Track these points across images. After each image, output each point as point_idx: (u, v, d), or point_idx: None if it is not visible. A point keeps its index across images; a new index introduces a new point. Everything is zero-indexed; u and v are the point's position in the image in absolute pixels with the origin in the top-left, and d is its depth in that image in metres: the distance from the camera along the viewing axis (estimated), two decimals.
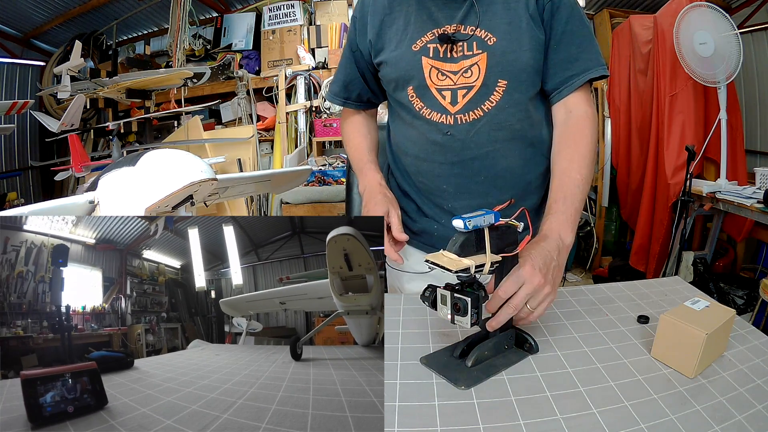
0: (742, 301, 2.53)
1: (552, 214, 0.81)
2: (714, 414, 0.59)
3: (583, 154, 0.86)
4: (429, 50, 0.92)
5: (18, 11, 3.75)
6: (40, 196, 4.41)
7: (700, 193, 2.49)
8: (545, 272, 0.70)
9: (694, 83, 2.55)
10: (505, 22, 0.89)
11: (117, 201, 1.49)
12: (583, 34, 0.90)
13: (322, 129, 3.31)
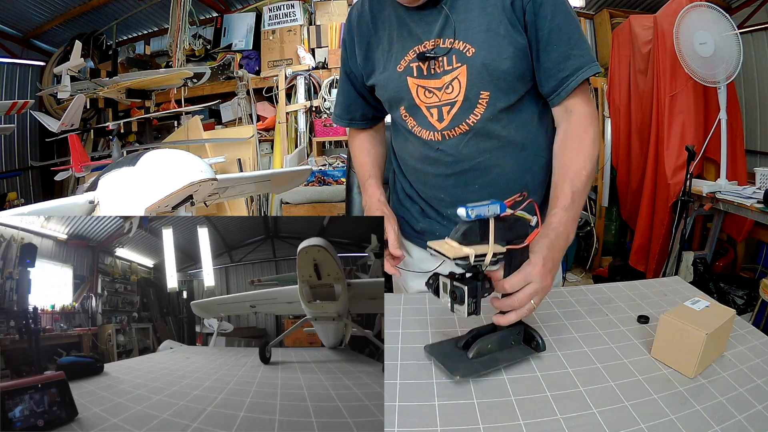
0: (742, 301, 2.53)
1: (561, 208, 0.80)
2: (714, 414, 0.59)
3: (587, 151, 0.85)
4: (413, 70, 0.92)
5: (18, 11, 3.75)
6: (40, 196, 4.41)
7: (700, 193, 2.49)
8: (554, 272, 0.72)
9: (694, 83, 2.55)
10: (483, 30, 0.86)
11: (117, 201, 1.49)
12: (571, 30, 0.86)
13: (322, 129, 3.31)
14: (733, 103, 2.65)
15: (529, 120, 0.93)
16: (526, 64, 0.88)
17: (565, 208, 0.79)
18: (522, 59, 0.87)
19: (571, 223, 0.79)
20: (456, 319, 0.89)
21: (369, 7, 0.98)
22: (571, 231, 0.78)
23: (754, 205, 2.18)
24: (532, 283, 0.68)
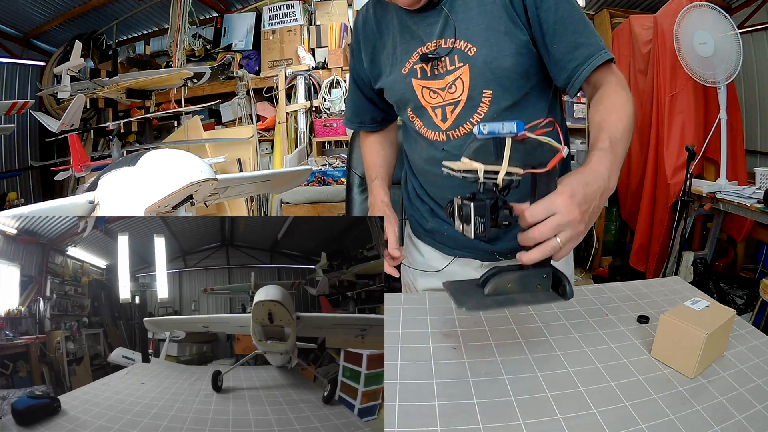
0: (742, 301, 2.53)
1: (600, 150, 0.72)
2: (714, 414, 0.59)
3: (620, 108, 0.79)
4: (416, 71, 0.92)
5: (18, 11, 3.75)
6: (40, 196, 4.41)
7: (700, 193, 2.49)
8: (584, 209, 0.62)
9: (694, 83, 2.55)
10: (483, 28, 0.86)
11: (117, 201, 1.50)
12: (576, 19, 0.84)
13: (322, 129, 3.31)
14: (733, 103, 2.65)
15: (535, 117, 0.92)
16: (529, 60, 0.87)
17: (603, 149, 0.72)
18: (524, 55, 0.86)
19: (610, 164, 0.70)
20: (456, 319, 0.89)
21: (373, 12, 0.99)
22: (612, 174, 0.69)
23: (754, 205, 2.18)
24: (557, 214, 0.60)
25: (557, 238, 0.61)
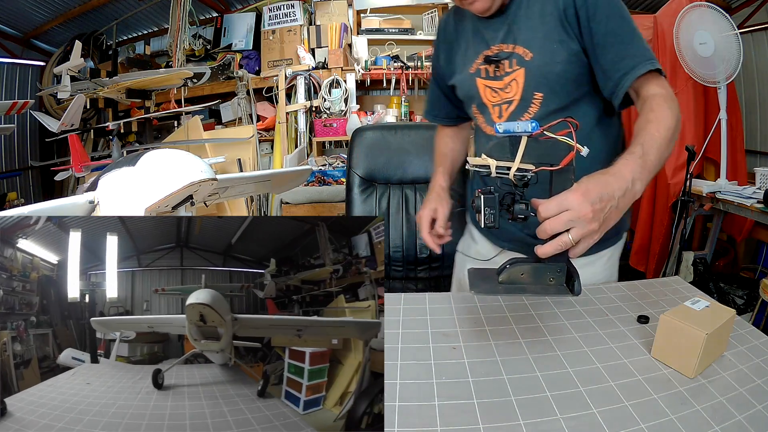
0: (742, 301, 2.53)
1: (630, 154, 0.74)
2: (714, 414, 0.59)
3: (662, 118, 0.81)
4: (481, 71, 1.02)
5: (18, 11, 3.75)
6: (40, 196, 4.41)
7: (700, 193, 2.49)
8: (598, 208, 0.64)
9: (694, 83, 2.55)
10: (541, 36, 0.93)
11: (117, 201, 1.50)
12: (625, 31, 0.88)
13: (322, 129, 3.31)
14: (733, 103, 2.65)
15: (583, 124, 0.96)
16: (579, 68, 0.93)
17: (632, 153, 0.74)
18: (574, 63, 0.92)
19: (636, 168, 0.71)
20: (456, 318, 0.89)
21: (453, 17, 1.12)
22: (638, 179, 0.70)
23: (754, 205, 2.18)
24: (569, 211, 0.63)
25: (569, 234, 0.63)
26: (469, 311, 0.93)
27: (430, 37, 3.73)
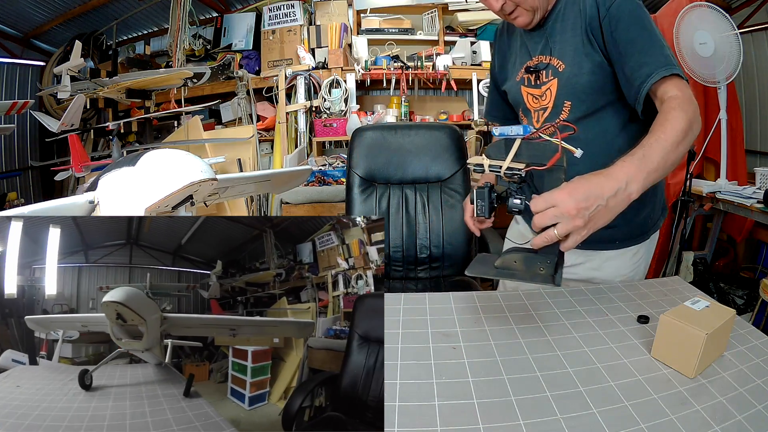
0: (742, 301, 2.53)
1: (629, 156, 0.77)
2: (714, 414, 0.59)
3: (671, 120, 0.83)
4: (525, 80, 1.13)
5: (18, 11, 3.75)
6: (40, 196, 4.40)
7: (700, 193, 2.49)
8: (582, 206, 0.69)
9: (693, 83, 2.54)
10: (572, 49, 1.01)
11: (117, 201, 1.49)
12: (645, 39, 0.93)
13: (322, 129, 3.31)
14: (733, 103, 2.64)
15: (608, 129, 1.03)
16: (603, 78, 0.99)
17: (632, 155, 0.77)
18: (598, 74, 0.99)
19: (632, 171, 0.74)
20: (456, 318, 0.89)
21: (507, 27, 1.22)
22: (633, 180, 0.74)
23: (754, 205, 2.18)
24: (555, 207, 0.69)
25: (555, 228, 0.70)
26: (469, 311, 0.93)
27: (431, 37, 3.73)
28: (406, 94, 3.45)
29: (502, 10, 1.06)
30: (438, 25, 3.70)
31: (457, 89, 3.50)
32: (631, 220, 1.09)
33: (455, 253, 1.76)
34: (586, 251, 1.15)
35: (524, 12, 1.03)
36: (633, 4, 0.95)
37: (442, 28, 3.74)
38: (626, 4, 0.94)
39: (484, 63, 3.50)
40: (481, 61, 3.51)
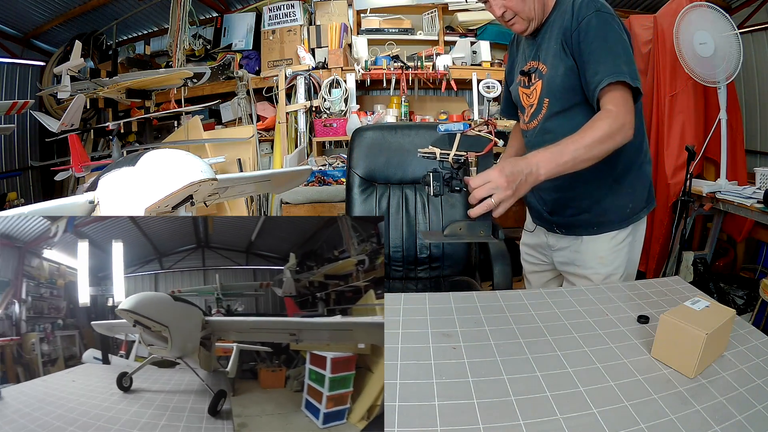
0: (742, 301, 2.53)
1: (547, 147, 1.01)
2: (714, 414, 0.59)
3: (593, 128, 1.03)
4: (521, 82, 1.31)
5: (18, 11, 3.75)
6: (40, 196, 4.40)
7: (700, 193, 2.49)
8: (511, 179, 0.92)
9: (694, 83, 2.55)
10: (552, 54, 1.18)
11: (117, 201, 1.49)
12: (603, 49, 1.08)
13: (322, 129, 3.31)
14: (733, 103, 2.64)
15: (579, 124, 1.13)
16: (574, 79, 1.15)
17: (547, 148, 1.00)
18: (570, 76, 1.15)
19: (544, 159, 0.97)
20: (456, 318, 0.89)
21: (516, 38, 1.40)
22: (543, 166, 0.97)
23: (754, 205, 2.18)
24: (490, 182, 0.90)
25: (491, 198, 0.90)
26: (469, 311, 0.93)
27: (430, 37, 3.72)
28: (406, 94, 3.45)
29: (502, 16, 1.22)
30: (438, 25, 3.70)
31: (457, 89, 3.50)
32: (607, 207, 1.26)
33: (455, 253, 1.76)
34: (569, 236, 1.33)
35: (521, 20, 1.20)
36: (600, 20, 1.09)
37: (442, 28, 3.74)
38: (595, 20, 1.09)
39: (484, 63, 3.50)
40: (480, 61, 3.51)
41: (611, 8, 1.14)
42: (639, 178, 1.28)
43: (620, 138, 1.04)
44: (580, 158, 1.01)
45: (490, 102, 3.22)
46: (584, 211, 1.28)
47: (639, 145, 1.23)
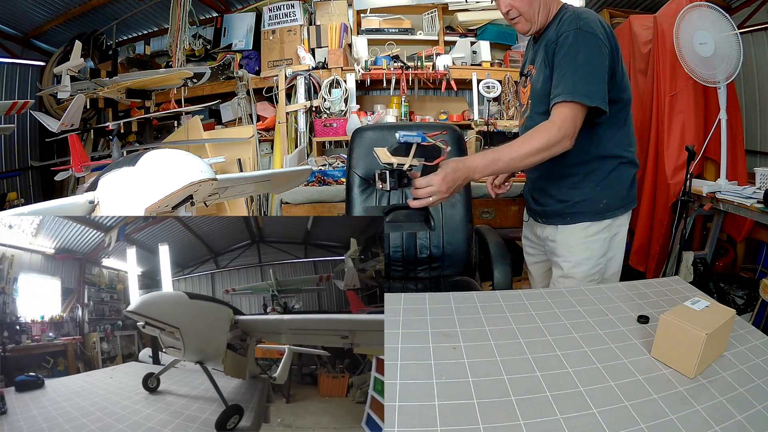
0: (742, 301, 2.53)
1: (486, 152, 1.18)
2: (714, 414, 0.59)
3: (531, 138, 1.17)
4: (521, 81, 1.46)
5: (18, 11, 3.74)
6: (40, 196, 4.40)
7: (700, 193, 2.49)
8: (451, 185, 1.08)
9: (694, 83, 2.54)
10: (539, 62, 1.30)
11: (117, 201, 1.49)
12: (568, 67, 1.18)
13: (322, 129, 3.30)
14: (733, 103, 2.64)
15: None
16: (550, 87, 1.24)
17: (486, 154, 1.17)
18: (547, 83, 1.26)
19: (481, 164, 1.13)
20: (456, 318, 0.89)
21: (529, 41, 1.47)
22: (479, 171, 1.13)
23: (754, 205, 2.18)
24: (433, 185, 1.06)
25: (430, 198, 1.07)
26: (469, 311, 0.93)
27: (430, 37, 3.72)
28: (406, 94, 3.45)
29: (507, 14, 1.32)
30: (438, 25, 3.70)
31: (457, 89, 3.50)
32: (580, 199, 1.36)
33: (455, 253, 1.76)
34: (550, 226, 1.44)
35: (524, 21, 1.30)
36: (577, 38, 1.18)
37: (442, 28, 3.74)
38: (572, 37, 1.18)
39: (484, 63, 3.50)
40: (480, 61, 3.52)
41: (600, 26, 1.21)
42: (617, 177, 1.37)
43: (557, 149, 1.16)
44: (514, 165, 1.19)
45: (490, 102, 3.22)
46: (560, 200, 1.39)
47: (620, 148, 1.37)
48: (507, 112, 3.38)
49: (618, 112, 1.32)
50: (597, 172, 1.35)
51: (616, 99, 1.28)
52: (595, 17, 1.24)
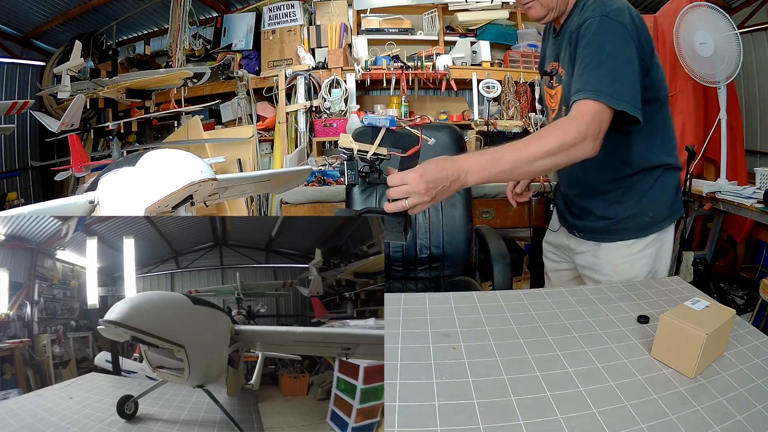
0: (742, 301, 2.53)
1: (483, 152, 0.94)
2: (714, 414, 0.59)
3: (542, 138, 0.93)
4: (545, 81, 1.28)
5: (18, 11, 3.74)
6: (40, 196, 4.40)
7: (700, 193, 2.49)
8: (431, 187, 0.84)
9: (694, 83, 2.55)
10: (568, 59, 1.10)
11: (117, 201, 1.49)
12: (591, 60, 1.00)
13: (322, 129, 3.30)
14: (733, 103, 2.64)
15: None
16: None
17: (484, 154, 0.92)
18: None
19: (476, 165, 0.88)
20: (456, 318, 0.89)
21: (546, 31, 1.33)
22: (473, 173, 0.88)
23: (754, 205, 2.18)
24: (408, 185, 0.84)
25: (406, 201, 0.85)
26: (469, 311, 0.93)
27: (430, 37, 3.72)
28: (406, 94, 3.45)
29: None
30: (438, 25, 3.70)
31: (457, 89, 3.50)
32: (624, 215, 1.21)
33: (455, 253, 1.76)
34: (590, 242, 1.29)
35: (539, 6, 1.13)
36: (602, 27, 1.00)
37: (442, 28, 3.74)
38: (594, 25, 1.01)
39: (484, 63, 3.50)
40: (480, 61, 3.51)
41: (628, 13, 1.03)
42: (662, 186, 1.21)
43: (577, 152, 0.92)
44: (520, 170, 0.92)
45: (490, 102, 3.22)
46: (602, 217, 1.24)
47: (664, 153, 1.19)
48: (507, 112, 3.38)
49: (656, 114, 1.13)
50: (641, 183, 1.20)
51: (651, 98, 1.09)
52: (624, 4, 1.05)
